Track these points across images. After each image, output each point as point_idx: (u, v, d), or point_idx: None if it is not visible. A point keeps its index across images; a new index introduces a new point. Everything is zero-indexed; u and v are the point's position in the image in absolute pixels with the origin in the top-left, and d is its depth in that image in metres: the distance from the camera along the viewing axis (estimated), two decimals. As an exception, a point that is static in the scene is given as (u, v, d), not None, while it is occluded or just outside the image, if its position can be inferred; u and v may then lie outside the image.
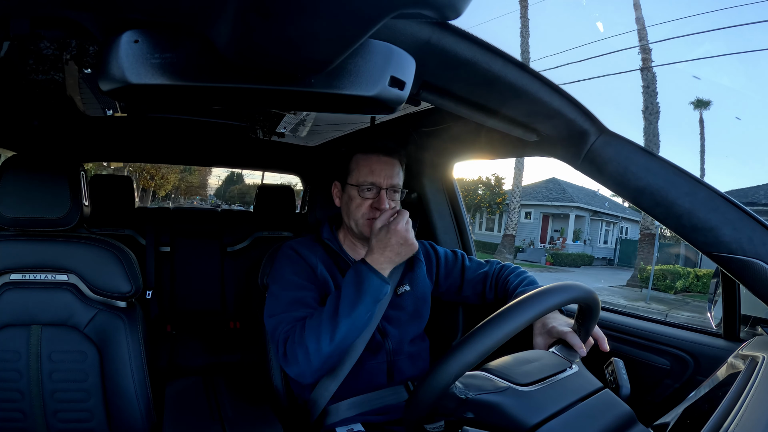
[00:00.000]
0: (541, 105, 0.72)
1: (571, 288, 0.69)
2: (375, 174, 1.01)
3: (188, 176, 26.80)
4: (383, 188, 1.01)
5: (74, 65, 1.19)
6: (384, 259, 0.92)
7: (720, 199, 0.71)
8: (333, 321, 0.88)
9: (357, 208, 1.02)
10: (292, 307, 0.96)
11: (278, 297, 0.99)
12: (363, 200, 1.01)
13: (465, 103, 0.73)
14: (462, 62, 0.60)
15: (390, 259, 0.92)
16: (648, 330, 1.07)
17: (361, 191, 1.01)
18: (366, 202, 1.01)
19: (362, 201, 1.01)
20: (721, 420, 0.53)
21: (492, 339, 0.60)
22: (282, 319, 0.95)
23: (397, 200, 1.05)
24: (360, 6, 0.35)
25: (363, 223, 1.02)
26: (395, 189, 1.03)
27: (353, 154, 1.05)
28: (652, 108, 13.79)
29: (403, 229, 0.92)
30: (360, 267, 0.92)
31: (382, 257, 0.92)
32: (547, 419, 0.60)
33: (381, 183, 1.01)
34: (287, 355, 0.91)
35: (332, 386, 0.99)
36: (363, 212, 1.01)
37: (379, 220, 0.95)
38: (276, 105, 0.58)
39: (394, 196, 1.03)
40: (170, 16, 0.45)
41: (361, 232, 1.03)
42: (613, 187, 0.79)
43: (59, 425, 0.99)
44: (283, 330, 0.93)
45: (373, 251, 0.92)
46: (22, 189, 0.97)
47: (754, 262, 0.68)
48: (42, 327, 0.99)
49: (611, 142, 0.78)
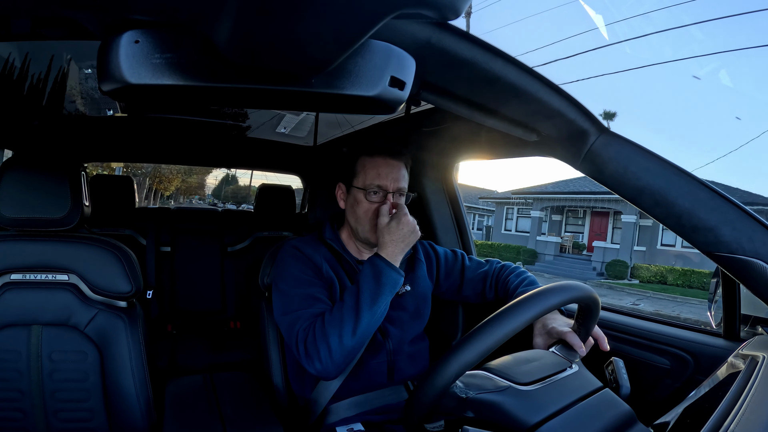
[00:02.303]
0: (541, 105, 0.72)
1: (571, 288, 0.69)
2: (382, 177, 1.01)
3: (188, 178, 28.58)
4: (390, 191, 1.01)
5: (74, 65, 1.19)
6: (398, 251, 0.95)
7: (720, 199, 0.71)
8: (355, 315, 0.88)
9: (365, 213, 1.01)
10: (307, 302, 0.95)
11: (289, 294, 0.97)
12: (370, 204, 1.01)
13: (465, 103, 0.73)
14: (462, 62, 0.60)
15: (402, 249, 0.96)
16: (648, 330, 1.07)
17: (368, 195, 1.01)
18: (373, 206, 1.01)
19: (370, 205, 1.01)
20: (721, 419, 0.53)
21: (492, 339, 0.60)
22: (299, 315, 0.93)
23: (402, 203, 1.04)
24: (360, 6, 0.35)
25: (369, 228, 1.01)
26: (401, 192, 1.03)
27: (358, 156, 1.04)
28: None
29: (411, 217, 0.97)
30: (376, 261, 0.94)
31: (397, 249, 0.95)
32: (547, 418, 0.60)
33: (388, 186, 1.01)
34: (308, 351, 0.89)
35: (333, 386, 0.99)
36: (371, 217, 1.01)
37: (383, 216, 0.97)
38: (277, 105, 0.58)
39: (399, 200, 1.03)
40: (171, 16, 0.45)
41: (366, 238, 1.02)
42: (613, 186, 0.79)
43: (60, 425, 0.99)
44: (302, 327, 0.92)
45: (386, 245, 0.95)
46: (23, 189, 0.96)
47: (754, 262, 0.68)
48: (42, 327, 0.99)
49: (611, 142, 0.78)
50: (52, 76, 1.26)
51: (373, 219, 1.00)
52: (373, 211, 1.00)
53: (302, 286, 0.98)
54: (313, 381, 1.01)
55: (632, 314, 1.17)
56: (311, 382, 1.02)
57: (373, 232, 1.00)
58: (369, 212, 1.01)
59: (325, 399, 0.99)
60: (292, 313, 0.95)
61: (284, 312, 0.96)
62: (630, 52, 8.12)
